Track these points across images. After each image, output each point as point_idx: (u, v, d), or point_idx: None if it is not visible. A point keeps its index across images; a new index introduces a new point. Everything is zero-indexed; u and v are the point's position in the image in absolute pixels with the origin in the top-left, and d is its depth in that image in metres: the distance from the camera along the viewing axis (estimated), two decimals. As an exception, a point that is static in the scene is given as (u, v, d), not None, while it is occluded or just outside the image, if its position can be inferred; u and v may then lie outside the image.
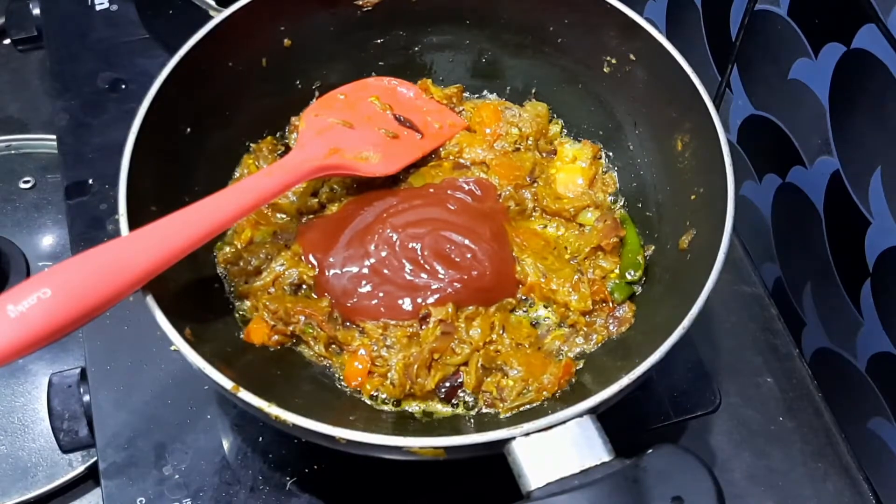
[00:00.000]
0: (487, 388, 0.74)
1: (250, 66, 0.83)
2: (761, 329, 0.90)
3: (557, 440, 0.59)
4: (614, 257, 0.81)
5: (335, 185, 0.85)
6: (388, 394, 0.74)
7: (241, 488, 0.78)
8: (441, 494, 0.79)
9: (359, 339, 0.76)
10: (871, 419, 0.91)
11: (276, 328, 0.75)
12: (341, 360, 0.76)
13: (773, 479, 0.81)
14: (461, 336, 0.75)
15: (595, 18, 0.82)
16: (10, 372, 1.08)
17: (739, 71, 1.01)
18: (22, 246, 1.17)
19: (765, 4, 0.92)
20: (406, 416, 0.74)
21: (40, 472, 1.03)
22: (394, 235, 0.78)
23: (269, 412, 0.61)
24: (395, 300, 0.76)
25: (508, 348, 0.75)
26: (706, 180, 0.75)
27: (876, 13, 0.76)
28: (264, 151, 0.85)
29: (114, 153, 0.70)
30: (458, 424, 0.73)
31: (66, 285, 0.60)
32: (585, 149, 0.88)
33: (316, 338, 0.76)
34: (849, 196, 0.86)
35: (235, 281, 0.78)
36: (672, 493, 0.56)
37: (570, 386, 0.73)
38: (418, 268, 0.77)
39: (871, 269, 0.85)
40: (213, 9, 0.98)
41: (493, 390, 0.74)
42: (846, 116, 0.85)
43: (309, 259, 0.79)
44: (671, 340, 0.63)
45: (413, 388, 0.73)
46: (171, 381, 0.83)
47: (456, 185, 0.84)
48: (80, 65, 1.08)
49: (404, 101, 0.90)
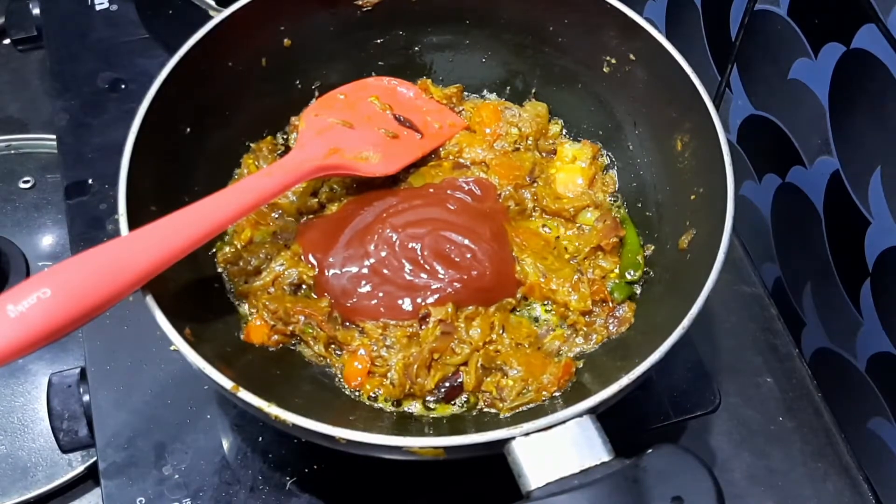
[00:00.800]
0: (487, 388, 0.74)
1: (250, 66, 0.83)
2: (761, 329, 0.90)
3: (557, 440, 0.59)
4: (614, 257, 0.81)
5: (335, 185, 0.85)
6: (388, 394, 0.74)
7: (240, 488, 0.78)
8: (441, 494, 0.79)
9: (358, 340, 0.76)
10: (870, 419, 0.91)
11: (276, 328, 0.75)
12: (341, 360, 0.76)
13: (773, 479, 0.81)
14: (461, 336, 0.75)
15: (595, 18, 0.82)
16: (10, 372, 1.08)
17: (739, 71, 1.01)
18: (22, 246, 1.17)
19: (765, 4, 0.92)
20: (406, 416, 0.74)
21: (40, 472, 1.03)
22: (393, 235, 0.78)
23: (268, 412, 0.61)
24: (394, 300, 0.76)
25: (508, 348, 0.75)
26: (706, 180, 0.75)
27: (876, 13, 0.76)
28: (264, 151, 0.85)
29: (114, 153, 0.70)
30: (459, 424, 0.73)
31: (65, 285, 0.59)
32: (585, 149, 0.88)
33: (315, 338, 0.76)
34: (848, 196, 0.86)
35: (235, 281, 0.78)
36: (672, 494, 0.56)
37: (570, 386, 0.73)
38: (418, 268, 0.77)
39: (871, 269, 0.85)
40: (213, 9, 0.98)
41: (493, 390, 0.74)
42: (846, 116, 0.85)
43: (308, 259, 0.79)
44: (671, 340, 0.63)
45: (413, 388, 0.73)
46: (171, 381, 0.83)
47: (456, 184, 0.84)
48: (80, 65, 1.08)
49: (404, 101, 0.90)
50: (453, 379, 0.74)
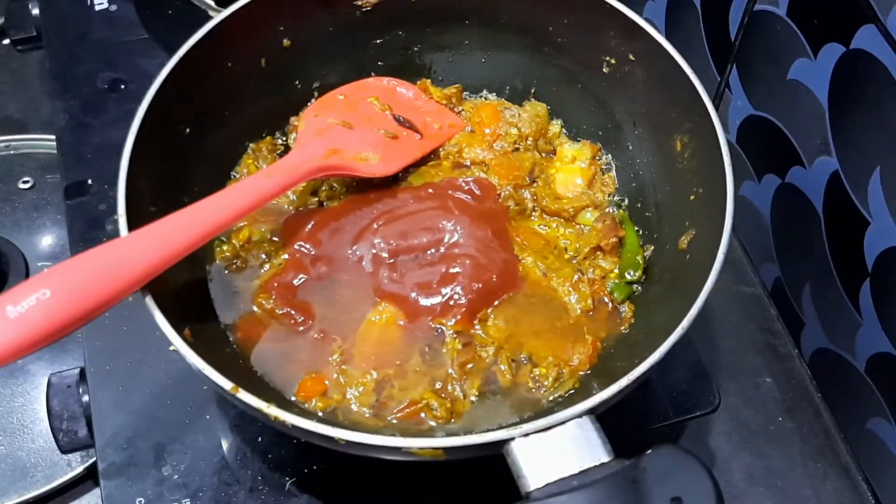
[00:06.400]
0: (523, 381, 0.74)
1: (250, 66, 0.83)
2: (761, 329, 0.90)
3: (557, 441, 0.59)
4: (614, 257, 0.81)
5: (335, 184, 0.85)
6: (443, 419, 0.72)
7: (240, 488, 0.78)
8: (441, 495, 0.79)
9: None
10: (870, 419, 0.91)
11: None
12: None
13: (773, 480, 0.81)
14: (481, 340, 0.75)
15: (595, 18, 0.82)
16: (10, 372, 1.08)
17: (739, 71, 1.01)
18: (21, 246, 1.17)
19: (764, 4, 0.92)
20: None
21: (39, 473, 1.03)
22: (387, 255, 0.78)
23: (268, 413, 0.61)
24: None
25: (529, 336, 0.76)
26: (705, 180, 0.75)
27: (875, 13, 0.76)
28: (264, 151, 0.85)
29: (113, 153, 0.70)
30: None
31: (65, 286, 0.59)
32: (585, 149, 0.88)
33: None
34: (848, 196, 0.86)
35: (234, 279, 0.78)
36: (671, 494, 0.56)
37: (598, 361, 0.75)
38: (426, 290, 0.77)
39: (871, 269, 0.85)
40: (213, 9, 0.98)
41: (529, 381, 0.74)
42: (845, 117, 0.85)
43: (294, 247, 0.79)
44: (671, 340, 0.63)
45: (456, 406, 0.73)
46: (171, 382, 0.83)
47: (456, 184, 0.84)
48: (79, 65, 1.08)
49: (404, 101, 0.90)
50: (491, 383, 0.74)
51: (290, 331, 0.75)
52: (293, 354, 0.74)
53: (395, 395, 0.73)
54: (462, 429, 0.71)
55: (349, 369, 0.74)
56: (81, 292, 0.60)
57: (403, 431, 0.71)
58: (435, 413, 0.71)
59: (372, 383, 0.73)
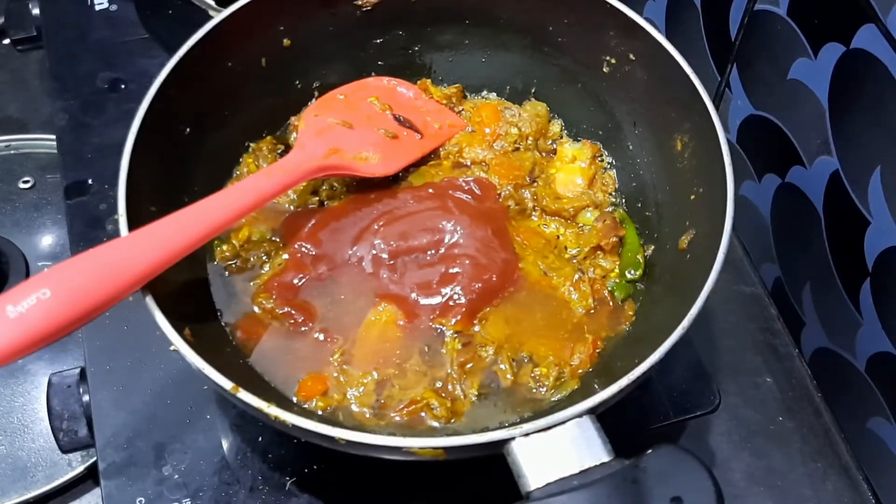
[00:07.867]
0: (523, 381, 0.74)
1: (250, 66, 0.83)
2: (761, 329, 0.90)
3: (557, 440, 0.59)
4: (614, 257, 0.81)
5: (335, 183, 0.85)
6: (443, 419, 0.72)
7: (240, 488, 0.78)
8: (441, 495, 0.79)
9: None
10: (870, 419, 0.91)
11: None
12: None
13: (773, 479, 0.81)
14: (481, 339, 0.75)
15: (595, 18, 0.82)
16: (10, 372, 1.08)
17: (739, 71, 1.01)
18: (21, 246, 1.17)
19: (764, 4, 0.92)
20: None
21: (40, 473, 1.03)
22: (387, 257, 0.78)
23: (268, 412, 0.61)
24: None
25: (530, 336, 0.76)
26: (706, 180, 0.75)
27: (875, 13, 0.76)
28: (264, 151, 0.85)
29: (113, 153, 0.70)
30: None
31: (65, 286, 0.59)
32: (585, 149, 0.88)
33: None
34: (848, 196, 0.86)
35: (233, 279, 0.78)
36: (671, 494, 0.56)
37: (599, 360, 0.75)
38: (426, 291, 0.77)
39: (871, 269, 0.85)
40: (213, 9, 0.98)
41: (531, 381, 0.74)
42: (845, 116, 0.85)
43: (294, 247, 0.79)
44: (671, 340, 0.63)
45: (456, 406, 0.73)
46: (171, 381, 0.83)
47: (456, 184, 0.84)
48: (79, 65, 1.08)
49: (404, 101, 0.90)
50: (491, 382, 0.74)
51: (291, 331, 0.75)
52: (293, 354, 0.75)
53: (396, 394, 0.73)
54: (462, 428, 0.72)
55: (350, 369, 0.74)
56: (81, 292, 0.60)
57: (404, 431, 0.71)
58: (435, 413, 0.71)
59: (372, 383, 0.73)
